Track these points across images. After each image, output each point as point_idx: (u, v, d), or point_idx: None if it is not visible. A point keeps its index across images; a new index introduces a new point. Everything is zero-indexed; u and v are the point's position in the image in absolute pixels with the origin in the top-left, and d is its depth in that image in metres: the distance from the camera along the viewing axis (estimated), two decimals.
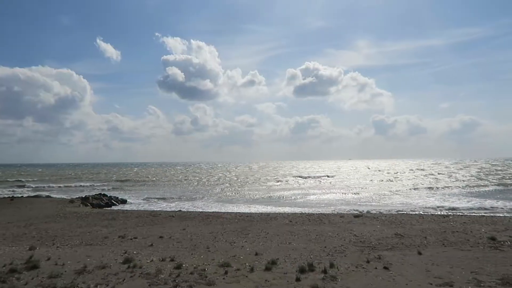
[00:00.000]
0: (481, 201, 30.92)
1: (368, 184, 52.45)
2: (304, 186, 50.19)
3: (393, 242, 13.77)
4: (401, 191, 41.74)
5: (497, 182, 49.64)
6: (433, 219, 19.85)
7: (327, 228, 17.14)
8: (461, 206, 28.30)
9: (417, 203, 30.95)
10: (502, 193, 37.46)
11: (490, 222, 18.30)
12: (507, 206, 27.36)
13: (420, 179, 61.06)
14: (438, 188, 43.91)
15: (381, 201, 32.78)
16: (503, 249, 12.36)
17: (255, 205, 31.01)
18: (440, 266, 10.16)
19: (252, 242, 13.96)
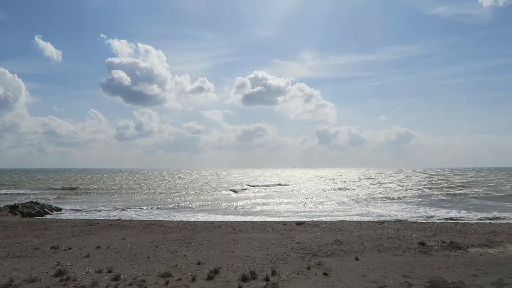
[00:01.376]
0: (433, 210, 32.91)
1: (323, 193, 53.19)
2: (257, 195, 50.01)
3: (333, 248, 14.23)
4: (362, 199, 43.17)
5: (445, 192, 51.90)
6: (370, 225, 20.80)
7: (270, 235, 17.33)
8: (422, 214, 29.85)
9: (377, 212, 32.23)
10: (447, 202, 39.34)
11: (421, 228, 19.53)
12: (444, 213, 29.39)
13: (375, 187, 63.04)
14: (398, 198, 44.98)
15: (335, 209, 33.75)
16: (432, 253, 13.25)
17: (200, 213, 30.63)
18: (375, 271, 10.67)
19: (195, 251, 13.75)
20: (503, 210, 31.71)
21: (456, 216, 27.29)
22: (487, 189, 56.95)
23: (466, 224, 21.96)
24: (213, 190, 59.47)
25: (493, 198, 43.37)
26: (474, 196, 46.24)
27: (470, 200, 41.37)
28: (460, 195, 47.06)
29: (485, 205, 36.36)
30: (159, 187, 67.26)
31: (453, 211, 31.07)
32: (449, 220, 25.23)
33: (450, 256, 12.74)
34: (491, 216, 27.23)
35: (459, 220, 24.98)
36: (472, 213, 29.30)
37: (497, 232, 18.17)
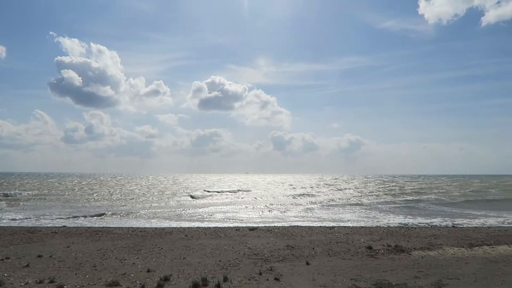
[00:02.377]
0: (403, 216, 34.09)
1: (284, 198, 52.79)
2: (217, 201, 48.95)
3: (285, 253, 14.41)
4: (321, 205, 43.80)
5: (401, 198, 53.15)
6: (321, 230, 21.29)
7: (223, 241, 17.25)
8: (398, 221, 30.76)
9: (348, 217, 32.83)
10: (401, 208, 40.35)
11: (369, 233, 20.28)
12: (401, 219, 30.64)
13: (335, 193, 63.77)
14: (356, 203, 45.38)
15: (290, 215, 34.07)
16: (378, 256, 13.80)
17: (155, 219, 29.80)
18: (325, 275, 10.93)
19: (145, 258, 13.37)
20: (449, 215, 33.53)
21: (404, 222, 28.52)
22: (439, 195, 59.70)
23: (410, 228, 23.09)
24: (171, 195, 57.84)
25: (446, 204, 45.10)
26: (427, 201, 48.21)
27: (422, 205, 42.93)
28: (413, 201, 48.60)
29: (435, 210, 38.09)
30: (113, 192, 64.70)
31: (400, 216, 32.47)
32: (396, 225, 26.34)
33: (395, 259, 13.32)
34: (434, 221, 28.76)
35: (407, 225, 26.13)
36: (417, 218, 30.80)
37: (437, 235, 19.27)
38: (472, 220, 28.64)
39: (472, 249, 15.38)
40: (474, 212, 35.37)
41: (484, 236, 19.03)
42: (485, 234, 19.82)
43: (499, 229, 22.48)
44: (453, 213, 35.16)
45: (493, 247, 15.87)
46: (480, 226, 24.50)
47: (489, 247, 15.76)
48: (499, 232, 20.65)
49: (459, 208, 39.65)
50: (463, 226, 24.95)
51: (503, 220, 28.33)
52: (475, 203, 46.24)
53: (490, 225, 25.16)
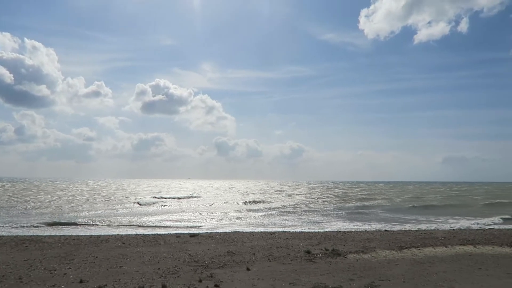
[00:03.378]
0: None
1: (235, 205, 51.88)
2: (164, 208, 47.44)
3: (225, 259, 14.36)
4: (271, 211, 43.88)
5: (349, 204, 54.45)
6: (262, 236, 21.51)
7: (162, 248, 16.81)
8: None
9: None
10: (347, 214, 41.06)
11: (308, 237, 20.84)
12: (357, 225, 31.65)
13: (286, 199, 64.04)
14: (306, 210, 45.47)
15: (236, 221, 33.89)
16: (316, 261, 14.22)
17: (93, 227, 28.30)
18: (265, 280, 11.05)
19: (78, 268, 12.64)
20: (388, 220, 35.36)
21: (343, 226, 29.63)
22: (382, 201, 62.27)
23: (346, 232, 24.06)
24: (117, 202, 54.84)
25: (389, 209, 46.65)
26: (370, 207, 49.93)
27: (366, 211, 44.23)
28: (357, 207, 49.90)
29: (377, 215, 39.48)
30: (50, 199, 60.46)
31: (339, 221, 33.73)
32: (336, 229, 27.31)
33: (331, 263, 13.81)
34: (369, 225, 30.27)
35: (345, 229, 27.18)
36: (354, 222, 32.20)
37: (371, 239, 20.27)
38: (404, 224, 30.52)
39: (401, 251, 16.37)
40: (412, 217, 37.48)
41: (413, 239, 20.34)
42: (413, 237, 21.19)
43: (426, 232, 24.16)
44: (394, 218, 36.84)
45: (420, 249, 17.02)
46: (409, 230, 26.16)
47: (416, 249, 16.88)
48: (426, 235, 22.18)
49: (402, 214, 41.25)
50: (394, 230, 26.48)
51: (430, 225, 30.50)
52: (417, 209, 48.39)
53: (419, 229, 26.93)
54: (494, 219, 34.43)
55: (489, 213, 41.57)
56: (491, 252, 16.43)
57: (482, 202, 59.22)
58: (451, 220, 34.57)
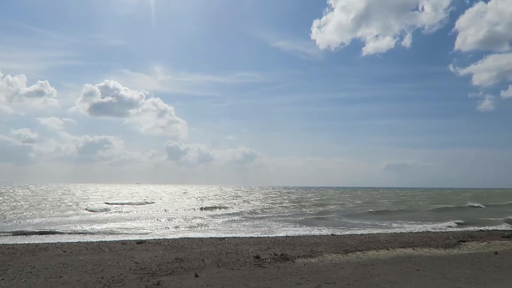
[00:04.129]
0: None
1: (191, 212, 50.02)
2: (117, 216, 45.20)
3: (173, 266, 14.07)
4: (229, 217, 43.16)
5: (307, 210, 53.95)
6: (211, 242, 21.34)
7: (107, 256, 16.15)
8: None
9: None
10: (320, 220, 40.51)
11: (257, 242, 20.96)
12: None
13: (244, 205, 62.68)
14: (262, 216, 44.79)
15: (189, 227, 33.15)
16: (265, 265, 14.33)
17: (33, 235, 26.49)
18: (214, 286, 10.95)
19: (12, 279, 11.80)
20: (340, 225, 36.29)
21: (293, 230, 30.05)
22: (337, 206, 63.42)
23: (295, 237, 24.49)
24: (64, 208, 51.45)
25: (348, 215, 46.78)
26: (326, 212, 50.10)
27: (322, 216, 44.34)
28: (313, 213, 49.56)
29: (331, 220, 39.87)
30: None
31: (290, 225, 34.19)
32: (286, 234, 27.66)
33: (280, 267, 13.98)
34: (317, 229, 30.97)
35: (294, 234, 27.60)
36: (303, 227, 32.79)
37: (318, 243, 20.79)
38: (350, 228, 31.58)
39: (347, 255, 16.94)
40: (369, 222, 38.28)
41: (358, 242, 21.12)
42: (358, 241, 22.01)
43: (370, 236, 25.19)
44: (354, 224, 36.99)
45: (364, 252, 17.71)
46: (355, 234, 27.13)
47: (361, 253, 17.54)
48: (370, 239, 23.13)
49: (361, 219, 41.56)
50: (341, 234, 27.34)
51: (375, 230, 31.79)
52: (373, 214, 48.88)
53: (362, 233, 27.98)
54: (450, 223, 36.19)
55: (438, 217, 43.32)
56: (428, 254, 17.45)
57: (429, 208, 61.68)
58: (406, 225, 35.60)
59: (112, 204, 60.32)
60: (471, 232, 28.39)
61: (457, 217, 41.49)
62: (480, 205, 68.34)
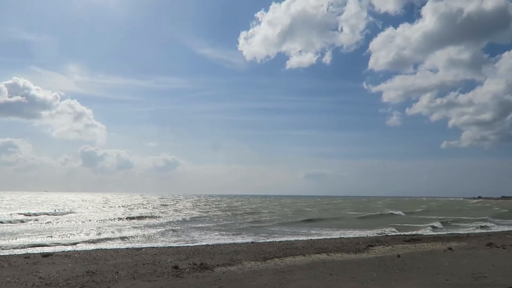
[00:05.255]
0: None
1: (119, 222, 45.88)
2: (31, 228, 40.06)
3: (84, 280, 13.15)
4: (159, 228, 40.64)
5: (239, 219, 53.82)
6: (127, 253, 20.37)
7: (6, 272, 14.56)
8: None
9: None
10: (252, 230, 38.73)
11: (176, 252, 20.48)
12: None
13: (175, 214, 59.28)
14: (195, 225, 43.34)
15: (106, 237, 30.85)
16: (183, 275, 14.03)
17: None
18: None
19: None
20: (266, 232, 36.53)
21: (217, 238, 29.71)
22: (270, 214, 62.50)
23: (215, 245, 24.39)
24: None
25: (283, 223, 46.10)
26: (262, 221, 48.80)
27: (257, 225, 43.25)
28: (252, 221, 48.30)
29: (271, 230, 38.84)
30: None
31: (215, 233, 33.82)
32: (209, 242, 27.31)
33: (199, 277, 13.80)
34: (238, 237, 31.11)
35: (217, 242, 27.36)
36: (229, 234, 32.63)
37: (238, 251, 20.94)
38: (272, 236, 32.20)
39: (265, 262, 17.29)
40: (304, 230, 38.43)
41: (276, 249, 21.69)
42: (277, 248, 22.61)
43: (288, 243, 26.01)
44: (293, 232, 36.60)
45: (282, 259, 18.23)
46: (274, 241, 27.78)
47: (279, 259, 18.03)
48: (288, 245, 23.89)
49: (296, 227, 41.38)
50: (260, 241, 27.81)
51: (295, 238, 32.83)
52: (307, 222, 48.41)
53: (281, 241, 28.73)
54: (385, 230, 37.93)
55: (367, 225, 44.97)
56: (340, 259, 18.50)
57: (356, 216, 63.45)
58: (348, 232, 36.43)
59: (28, 214, 53.82)
60: (377, 237, 30.76)
61: (385, 225, 43.18)
62: (401, 212, 73.13)
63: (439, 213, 75.82)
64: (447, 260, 17.79)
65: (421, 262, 17.44)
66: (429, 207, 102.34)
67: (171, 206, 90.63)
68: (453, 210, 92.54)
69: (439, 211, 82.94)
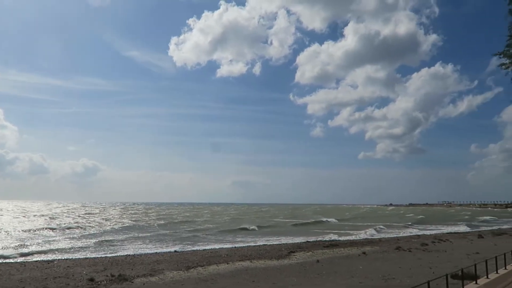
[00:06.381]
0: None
1: (44, 232, 41.55)
2: None
3: None
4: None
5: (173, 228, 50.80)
6: (36, 266, 18.76)
7: None
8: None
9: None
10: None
11: (93, 264, 19.29)
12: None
13: (106, 223, 55.53)
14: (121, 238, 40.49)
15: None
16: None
17: None
18: None
19: None
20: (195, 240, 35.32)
21: (141, 248, 28.33)
22: (209, 223, 60.26)
23: (136, 255, 23.42)
24: None
25: (221, 232, 45.20)
26: (201, 230, 47.55)
27: (198, 234, 42.02)
28: (191, 230, 46.92)
29: (211, 238, 38.23)
30: None
31: (138, 242, 32.24)
32: (132, 252, 26.00)
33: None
34: (162, 246, 30.09)
35: (137, 252, 26.16)
36: (153, 243, 31.29)
37: (160, 261, 20.33)
38: (196, 244, 31.55)
39: (188, 271, 16.99)
40: (251, 238, 37.76)
41: (200, 258, 21.43)
42: (200, 256, 22.35)
43: (212, 251, 25.85)
44: (234, 240, 35.90)
45: (205, 267, 18.05)
46: (197, 250, 27.33)
47: (202, 268, 17.82)
48: (211, 254, 23.75)
49: (242, 236, 40.73)
50: (184, 250, 27.22)
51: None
52: (247, 231, 47.71)
53: (205, 249, 28.30)
54: (325, 237, 38.78)
55: (306, 232, 45.96)
56: (263, 266, 18.83)
57: (291, 223, 64.19)
58: (296, 239, 36.51)
59: None
60: (299, 243, 31.79)
61: (323, 232, 44.24)
62: (333, 219, 75.30)
63: (367, 219, 79.88)
64: (361, 264, 18.99)
65: (338, 266, 18.39)
66: (356, 214, 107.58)
67: (98, 215, 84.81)
68: (377, 216, 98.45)
69: (366, 218, 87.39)
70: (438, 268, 16.87)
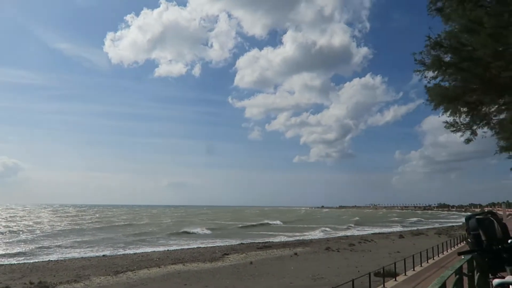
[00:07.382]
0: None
1: None
2: None
3: None
4: None
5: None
6: None
7: None
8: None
9: None
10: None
11: (10, 271, 17.85)
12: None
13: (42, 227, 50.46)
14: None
15: None
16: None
17: None
18: None
19: None
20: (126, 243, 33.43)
21: (69, 253, 26.58)
22: (154, 227, 56.19)
23: (59, 261, 22.03)
24: None
25: (168, 234, 43.68)
26: (149, 233, 45.25)
27: (148, 237, 39.91)
28: (139, 234, 44.11)
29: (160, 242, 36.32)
30: None
31: (67, 248, 30.21)
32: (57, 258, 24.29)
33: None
34: (92, 250, 28.51)
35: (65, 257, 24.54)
36: (84, 248, 29.49)
37: (87, 266, 19.30)
38: (127, 247, 30.31)
39: (117, 276, 16.31)
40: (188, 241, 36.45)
41: (130, 262, 20.67)
42: (130, 260, 21.58)
43: (143, 254, 25.04)
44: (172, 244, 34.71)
45: (135, 271, 17.46)
46: (128, 254, 26.32)
47: (132, 272, 17.21)
48: (143, 257, 23.02)
49: (175, 239, 39.38)
50: (113, 254, 26.10)
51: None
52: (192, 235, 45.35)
53: (135, 252, 27.30)
54: (275, 239, 39.04)
55: (250, 234, 45.62)
56: (196, 269, 18.63)
57: (238, 226, 62.20)
58: (231, 241, 35.78)
59: None
60: (233, 245, 31.88)
61: (273, 235, 44.40)
62: (278, 222, 75.39)
63: (310, 221, 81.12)
64: (293, 264, 19.54)
65: (271, 267, 18.76)
66: (297, 216, 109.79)
67: (25, 218, 78.24)
68: (318, 218, 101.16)
69: (308, 220, 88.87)
70: (364, 266, 17.86)
